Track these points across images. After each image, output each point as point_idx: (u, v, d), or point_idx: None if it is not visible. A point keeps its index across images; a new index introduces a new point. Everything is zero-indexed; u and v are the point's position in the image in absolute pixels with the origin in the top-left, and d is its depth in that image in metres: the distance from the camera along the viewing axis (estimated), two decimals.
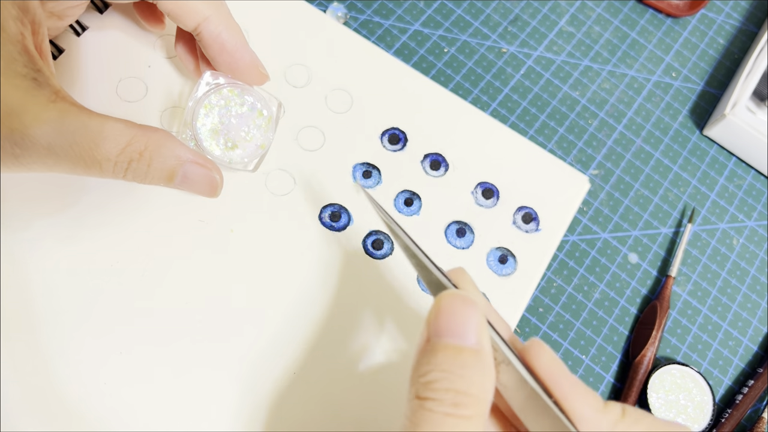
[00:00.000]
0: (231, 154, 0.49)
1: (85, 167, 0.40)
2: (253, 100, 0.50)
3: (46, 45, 0.43)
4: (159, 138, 0.42)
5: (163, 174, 0.43)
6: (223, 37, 0.48)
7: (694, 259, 0.62)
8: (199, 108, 0.48)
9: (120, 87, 0.52)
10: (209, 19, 0.47)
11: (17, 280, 0.47)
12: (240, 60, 0.49)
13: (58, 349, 0.46)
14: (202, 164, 0.45)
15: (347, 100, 0.55)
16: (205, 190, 0.46)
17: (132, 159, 0.41)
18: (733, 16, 0.72)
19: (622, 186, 0.63)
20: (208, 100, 0.49)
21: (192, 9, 0.47)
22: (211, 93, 0.49)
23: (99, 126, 0.40)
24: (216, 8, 0.48)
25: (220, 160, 0.49)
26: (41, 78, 0.40)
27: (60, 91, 0.40)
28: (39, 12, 0.42)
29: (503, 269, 0.52)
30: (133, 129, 0.41)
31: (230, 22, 0.49)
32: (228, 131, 0.49)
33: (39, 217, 0.48)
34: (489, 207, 0.54)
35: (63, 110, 0.39)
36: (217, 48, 0.48)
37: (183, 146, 0.44)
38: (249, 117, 0.49)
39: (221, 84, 0.49)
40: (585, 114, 0.65)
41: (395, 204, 0.53)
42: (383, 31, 0.64)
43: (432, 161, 0.54)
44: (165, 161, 0.43)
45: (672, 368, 0.57)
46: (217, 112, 0.49)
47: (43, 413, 0.44)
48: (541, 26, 0.68)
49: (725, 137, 0.65)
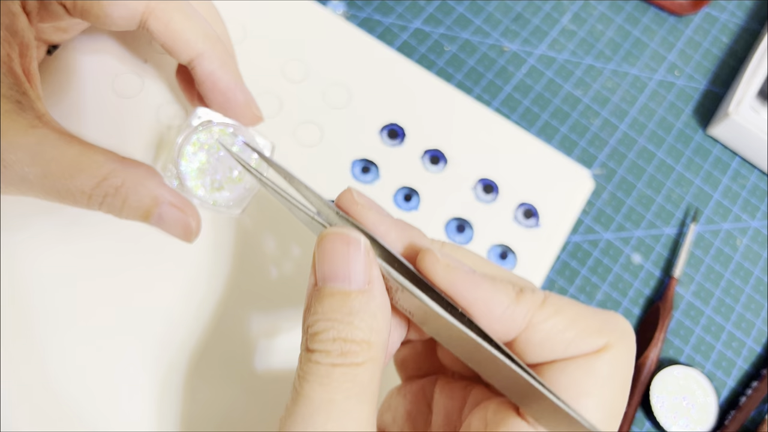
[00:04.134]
0: (216, 196, 0.47)
1: (58, 197, 0.40)
2: (244, 140, 0.48)
3: (34, 67, 0.43)
4: (138, 175, 0.41)
5: (139, 212, 0.42)
6: (216, 75, 0.46)
7: (698, 260, 0.62)
8: (187, 145, 0.47)
9: (116, 83, 0.52)
10: (203, 55, 0.45)
11: (16, 279, 0.47)
12: (233, 100, 0.47)
13: (57, 348, 0.46)
14: (179, 208, 0.43)
15: (345, 95, 0.55)
16: (180, 233, 0.44)
17: (107, 194, 0.40)
18: (736, 15, 0.72)
19: (625, 186, 0.63)
20: (197, 137, 0.47)
21: (185, 43, 0.45)
22: (201, 131, 0.47)
23: (77, 156, 0.39)
24: (212, 44, 0.46)
25: (204, 201, 0.47)
26: (25, 101, 0.39)
27: (44, 116, 0.39)
28: (28, 34, 0.42)
29: (504, 265, 0.52)
30: (112, 162, 0.40)
31: (226, 60, 0.46)
32: (215, 172, 0.47)
33: (38, 216, 0.48)
34: (489, 202, 0.53)
35: (42, 137, 0.38)
36: (210, 86, 0.46)
37: (162, 186, 0.42)
38: None
39: (212, 122, 0.47)
40: (587, 113, 0.65)
41: (394, 199, 0.52)
42: (384, 30, 0.64)
43: (431, 156, 0.54)
44: (141, 200, 0.41)
45: (675, 369, 0.57)
46: (206, 151, 0.47)
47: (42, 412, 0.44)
48: (543, 24, 0.67)
49: (729, 137, 0.65)
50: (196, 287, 0.48)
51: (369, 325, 0.31)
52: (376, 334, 0.31)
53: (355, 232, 0.32)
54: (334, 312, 0.31)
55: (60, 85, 0.51)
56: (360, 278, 0.31)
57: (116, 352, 0.46)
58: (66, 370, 0.45)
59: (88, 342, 0.46)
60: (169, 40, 0.45)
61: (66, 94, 0.50)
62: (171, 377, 0.46)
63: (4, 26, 0.39)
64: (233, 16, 0.55)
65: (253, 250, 0.50)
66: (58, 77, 0.51)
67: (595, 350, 0.31)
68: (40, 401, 0.44)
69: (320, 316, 0.31)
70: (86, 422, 0.44)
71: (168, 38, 0.45)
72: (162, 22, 0.44)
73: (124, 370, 0.46)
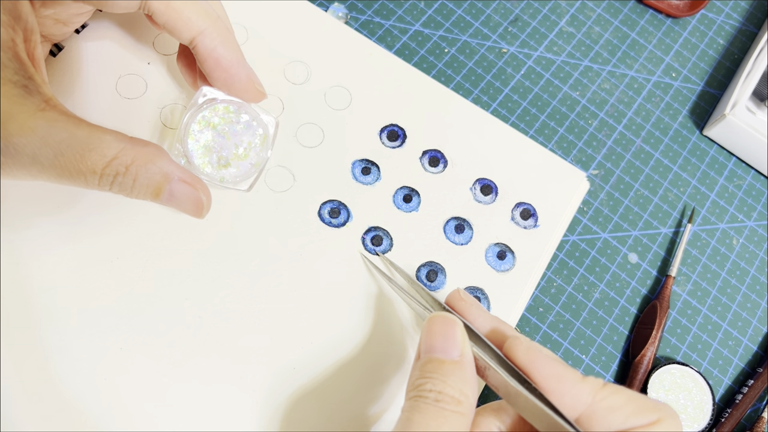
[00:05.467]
0: (223, 173, 0.48)
1: (69, 178, 0.40)
2: (249, 117, 0.49)
3: (38, 52, 0.43)
4: (147, 153, 0.42)
5: (149, 189, 0.43)
6: (218, 52, 0.47)
7: (694, 259, 0.62)
8: (193, 124, 0.48)
9: (120, 84, 0.52)
10: (204, 32, 0.46)
11: (17, 278, 0.47)
12: (235, 76, 0.48)
13: (58, 346, 0.46)
14: (189, 183, 0.44)
15: (346, 96, 0.55)
16: (191, 209, 0.45)
17: (118, 173, 0.41)
18: (732, 17, 0.72)
19: (622, 186, 0.63)
20: (202, 116, 0.48)
21: (187, 22, 0.46)
22: (206, 109, 0.48)
23: (86, 137, 0.39)
24: (212, 22, 0.46)
25: (212, 179, 0.48)
26: (32, 85, 0.39)
27: (51, 99, 0.40)
28: (31, 19, 0.42)
29: (502, 265, 0.52)
30: (122, 142, 0.41)
31: (227, 37, 0.47)
32: (221, 149, 0.48)
33: (39, 215, 0.48)
34: (487, 203, 0.54)
35: (51, 119, 0.39)
36: (212, 63, 0.47)
37: (172, 163, 0.43)
38: (243, 134, 0.49)
39: (216, 100, 0.48)
40: (585, 114, 0.65)
41: (394, 200, 0.53)
42: (384, 32, 0.65)
43: (431, 158, 0.54)
44: (151, 177, 0.42)
45: (672, 368, 0.57)
46: (211, 129, 0.48)
47: (43, 411, 0.44)
48: (542, 27, 0.68)
49: (725, 137, 0.65)
50: (199, 285, 0.48)
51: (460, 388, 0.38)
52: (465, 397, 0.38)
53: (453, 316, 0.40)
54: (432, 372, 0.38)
55: (64, 87, 0.51)
56: (454, 352, 0.39)
57: (117, 351, 0.46)
58: (67, 369, 0.45)
59: (89, 341, 0.46)
60: (171, 19, 0.45)
61: (70, 96, 0.51)
62: (174, 376, 0.46)
63: (8, 11, 0.40)
64: (236, 18, 0.55)
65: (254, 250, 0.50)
66: (61, 79, 0.51)
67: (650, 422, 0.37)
68: (41, 400, 0.44)
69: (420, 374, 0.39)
70: (88, 421, 0.45)
71: (169, 18, 0.45)
72: (163, 2, 0.45)
73: (126, 368, 0.46)
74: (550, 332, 0.57)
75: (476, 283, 0.51)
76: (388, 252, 0.51)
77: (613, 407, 0.37)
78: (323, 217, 0.52)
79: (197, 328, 0.47)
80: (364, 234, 0.52)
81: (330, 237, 0.51)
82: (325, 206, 0.52)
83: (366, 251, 0.51)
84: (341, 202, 0.52)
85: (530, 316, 0.58)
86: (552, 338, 0.57)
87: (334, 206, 0.52)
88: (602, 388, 0.37)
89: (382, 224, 0.52)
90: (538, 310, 0.58)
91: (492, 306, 0.51)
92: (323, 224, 0.51)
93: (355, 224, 0.52)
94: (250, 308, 0.49)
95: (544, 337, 0.57)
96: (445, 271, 0.51)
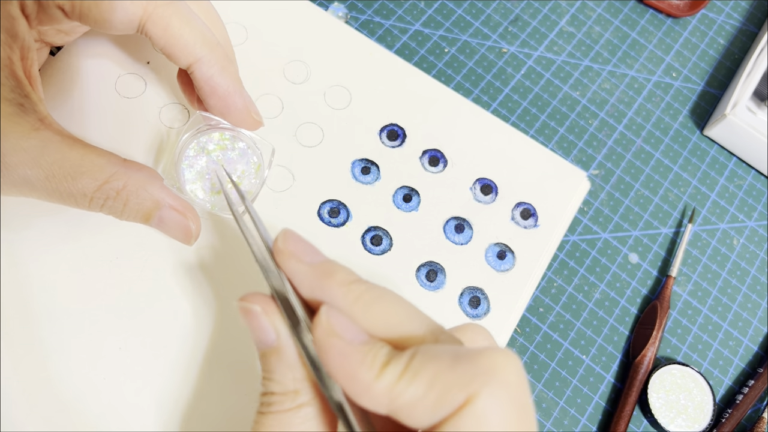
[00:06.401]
0: (215, 199, 0.48)
1: (60, 199, 0.40)
2: (244, 145, 0.49)
3: (35, 70, 0.43)
4: (139, 179, 0.42)
5: (139, 215, 0.43)
6: (215, 80, 0.46)
7: (695, 260, 0.62)
8: (187, 149, 0.48)
9: (119, 83, 0.52)
10: (201, 60, 0.45)
11: (17, 277, 0.47)
12: (232, 105, 0.47)
13: (57, 346, 0.46)
14: (179, 211, 0.44)
15: (346, 96, 0.55)
16: (180, 236, 0.46)
17: (108, 197, 0.41)
18: (733, 17, 0.72)
19: (623, 186, 0.63)
20: (197, 141, 0.48)
21: (184, 48, 0.45)
22: (201, 134, 0.48)
23: (79, 159, 0.40)
24: (211, 49, 0.45)
25: (203, 205, 0.48)
26: (28, 104, 0.39)
27: (46, 119, 0.40)
28: (28, 37, 0.42)
29: (502, 265, 0.52)
30: (114, 166, 0.41)
31: (225, 65, 0.46)
32: (214, 175, 0.48)
33: (39, 215, 0.48)
34: (488, 203, 0.54)
35: (45, 139, 0.39)
36: (209, 91, 0.46)
37: (164, 189, 0.43)
38: (238, 162, 0.48)
39: (212, 126, 0.48)
40: (585, 114, 0.65)
41: (394, 200, 0.53)
42: (384, 32, 0.65)
43: (431, 157, 0.54)
44: (142, 203, 0.42)
45: (672, 368, 0.57)
46: (206, 155, 0.48)
47: (43, 410, 0.44)
48: (542, 26, 0.68)
49: (725, 137, 0.65)
50: (198, 286, 0.48)
51: (291, 377, 0.34)
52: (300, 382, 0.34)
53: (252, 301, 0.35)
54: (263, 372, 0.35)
55: (63, 86, 0.51)
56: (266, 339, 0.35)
57: (117, 351, 0.46)
58: (67, 369, 0.45)
59: (89, 341, 0.46)
60: (168, 44, 0.44)
61: (69, 95, 0.51)
62: (173, 376, 0.46)
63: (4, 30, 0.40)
64: (235, 18, 0.55)
65: None
66: (61, 78, 0.51)
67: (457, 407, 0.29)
68: (40, 400, 0.44)
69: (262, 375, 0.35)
70: (87, 421, 0.44)
71: (166, 43, 0.44)
72: (160, 27, 0.44)
73: (126, 369, 0.46)
74: (550, 332, 0.57)
75: (476, 283, 0.51)
76: (388, 252, 0.51)
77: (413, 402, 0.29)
78: (323, 217, 0.51)
79: (197, 328, 0.47)
80: (364, 234, 0.51)
81: (329, 237, 0.51)
82: (325, 206, 0.52)
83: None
84: (341, 201, 0.52)
85: (530, 316, 0.58)
86: (552, 338, 0.57)
87: (333, 206, 0.52)
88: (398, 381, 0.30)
89: (381, 224, 0.52)
90: (538, 311, 0.58)
91: (492, 306, 0.51)
92: (323, 224, 0.51)
93: (354, 224, 0.52)
94: None
95: (545, 337, 0.57)
96: (445, 271, 0.51)
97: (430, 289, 0.51)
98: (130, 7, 0.42)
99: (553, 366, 0.57)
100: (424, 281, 0.51)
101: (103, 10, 0.42)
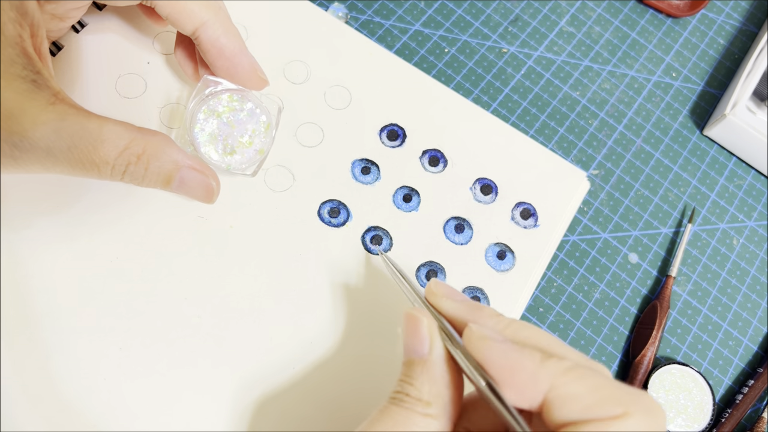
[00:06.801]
0: (229, 160, 0.49)
1: (83, 169, 0.41)
2: (252, 105, 0.50)
3: (45, 47, 0.43)
4: (157, 142, 0.43)
5: (160, 178, 0.44)
6: (221, 41, 0.48)
7: (694, 259, 0.62)
8: (197, 113, 0.49)
9: (119, 83, 0.52)
10: (207, 23, 0.47)
11: (17, 277, 0.47)
12: (238, 65, 0.49)
13: (57, 346, 0.46)
14: (199, 170, 0.45)
15: (346, 96, 0.55)
16: (201, 195, 0.47)
17: (130, 162, 0.42)
18: (733, 17, 0.72)
19: (623, 186, 0.63)
20: (207, 105, 0.49)
21: (190, 13, 0.47)
22: (210, 98, 0.49)
23: (98, 128, 0.40)
24: (215, 12, 0.47)
25: (218, 165, 0.49)
26: (40, 80, 0.40)
27: (59, 93, 0.40)
28: (37, 14, 0.42)
29: (502, 265, 0.52)
30: (131, 132, 0.42)
31: (229, 26, 0.48)
32: (226, 137, 0.49)
33: (39, 215, 0.48)
34: (487, 203, 0.54)
35: (62, 112, 0.39)
36: (215, 53, 0.48)
37: (181, 151, 0.44)
38: (248, 122, 0.49)
39: (220, 89, 0.49)
40: (585, 114, 0.65)
41: (394, 200, 0.53)
42: (384, 32, 0.65)
43: (431, 157, 0.54)
44: (162, 165, 0.43)
45: (672, 368, 0.57)
46: (216, 118, 0.49)
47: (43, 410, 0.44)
48: (542, 26, 0.68)
49: (725, 137, 0.65)
50: (198, 285, 0.48)
51: (428, 389, 0.37)
52: (435, 397, 0.37)
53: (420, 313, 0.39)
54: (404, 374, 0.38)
55: (63, 86, 0.51)
56: (421, 349, 0.38)
57: (117, 351, 0.46)
58: (67, 369, 0.45)
59: (89, 341, 0.46)
60: (174, 11, 0.46)
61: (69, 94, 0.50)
62: (173, 375, 0.46)
63: (15, 7, 0.40)
64: (235, 18, 0.55)
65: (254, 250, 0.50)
66: (61, 78, 0.51)
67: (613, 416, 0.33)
68: (41, 400, 0.44)
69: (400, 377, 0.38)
70: (88, 421, 0.44)
71: (172, 9, 0.46)
72: None
73: (126, 368, 0.46)
74: (550, 332, 0.57)
75: (476, 283, 0.51)
76: (388, 252, 0.51)
77: (573, 395, 0.33)
78: (323, 217, 0.51)
79: (196, 328, 0.47)
80: (364, 233, 0.51)
81: (330, 237, 0.51)
82: (325, 206, 0.52)
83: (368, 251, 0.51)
84: (341, 201, 0.52)
85: (530, 316, 0.58)
86: None
87: (333, 206, 0.52)
88: (564, 373, 0.34)
89: (381, 224, 0.52)
90: (538, 311, 0.58)
91: (492, 306, 0.51)
92: (323, 224, 0.51)
93: (354, 224, 0.52)
94: (250, 308, 0.49)
95: None
96: (445, 271, 0.51)
97: None
98: None
99: None
100: (424, 281, 0.51)
101: None
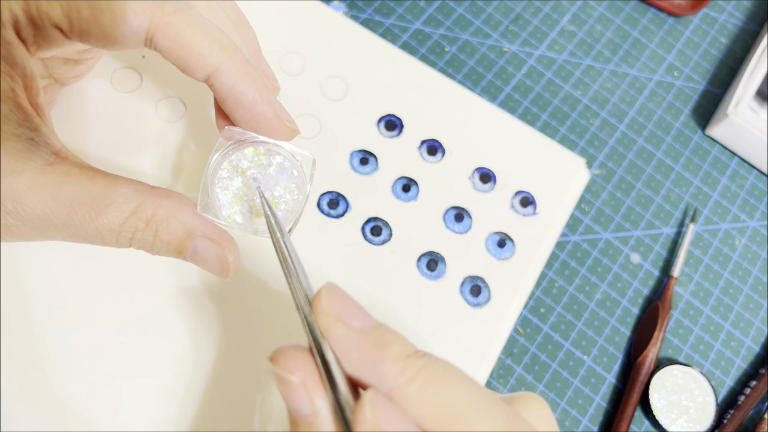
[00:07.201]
0: (257, 222, 0.42)
1: (85, 237, 0.37)
2: (281, 159, 0.43)
3: (42, 99, 0.40)
4: (169, 206, 0.38)
5: (171, 247, 0.39)
6: (237, 89, 0.39)
7: (696, 260, 0.61)
8: (219, 170, 0.42)
9: (114, 77, 0.52)
10: (221, 68, 0.39)
11: (17, 276, 0.46)
12: (260, 115, 0.40)
13: (57, 344, 0.45)
14: (214, 240, 0.39)
15: (342, 87, 0.55)
16: (216, 269, 0.40)
17: (137, 229, 0.37)
18: (735, 16, 0.72)
19: (624, 186, 0.63)
20: (229, 160, 0.42)
21: (198, 58, 0.38)
22: (232, 152, 0.42)
23: (102, 191, 0.36)
24: (229, 56, 0.39)
25: (244, 230, 0.41)
26: (38, 138, 0.37)
27: (60, 151, 0.37)
28: (29, 64, 0.39)
29: (502, 253, 0.52)
30: (141, 194, 0.37)
31: (247, 71, 0.40)
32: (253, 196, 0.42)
33: None
34: (487, 192, 0.54)
35: (62, 173, 0.36)
36: (233, 102, 0.40)
37: (196, 217, 0.39)
38: (277, 179, 0.42)
39: (243, 142, 0.42)
40: (587, 113, 0.65)
41: (393, 190, 0.52)
42: (384, 30, 0.64)
43: (429, 147, 0.54)
44: (173, 233, 0.38)
45: (674, 369, 0.56)
46: (240, 175, 0.42)
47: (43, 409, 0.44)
48: (543, 25, 0.68)
49: (728, 137, 0.65)
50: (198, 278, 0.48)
51: None
52: None
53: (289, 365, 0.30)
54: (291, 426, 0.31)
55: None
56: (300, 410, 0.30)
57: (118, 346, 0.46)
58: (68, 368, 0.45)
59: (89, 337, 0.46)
60: (181, 56, 0.38)
61: (65, 90, 0.50)
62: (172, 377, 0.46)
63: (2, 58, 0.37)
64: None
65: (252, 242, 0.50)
66: None
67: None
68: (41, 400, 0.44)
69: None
70: (87, 422, 0.44)
71: (179, 54, 0.38)
72: (170, 38, 0.38)
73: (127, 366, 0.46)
74: (551, 333, 0.57)
75: (477, 272, 0.51)
76: (388, 243, 0.51)
77: None
78: (322, 208, 0.51)
79: (198, 322, 0.47)
80: (364, 224, 0.51)
81: (329, 228, 0.51)
82: (324, 197, 0.52)
83: None
84: (340, 193, 0.52)
85: (532, 317, 0.57)
86: (553, 339, 0.57)
87: (332, 197, 0.52)
88: None
89: (381, 214, 0.52)
90: (539, 311, 0.57)
91: (493, 294, 0.51)
92: (322, 215, 0.51)
93: (354, 215, 0.52)
94: (250, 299, 0.48)
95: (546, 338, 0.57)
96: (446, 261, 0.51)
97: (431, 278, 0.51)
98: (135, 19, 0.37)
99: (555, 367, 0.56)
100: (425, 271, 0.51)
101: (104, 25, 0.37)
